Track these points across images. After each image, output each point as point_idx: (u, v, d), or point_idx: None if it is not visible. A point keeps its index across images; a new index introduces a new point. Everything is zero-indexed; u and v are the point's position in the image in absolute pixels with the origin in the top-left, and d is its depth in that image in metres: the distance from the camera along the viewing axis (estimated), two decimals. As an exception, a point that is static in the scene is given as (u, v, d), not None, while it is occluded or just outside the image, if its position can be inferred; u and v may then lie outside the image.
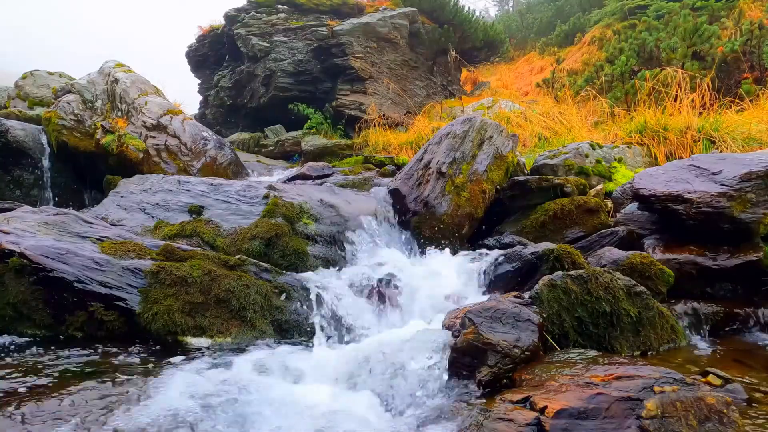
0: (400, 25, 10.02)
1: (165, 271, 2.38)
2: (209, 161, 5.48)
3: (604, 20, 12.72)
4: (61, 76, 7.85)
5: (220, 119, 10.93)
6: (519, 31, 17.47)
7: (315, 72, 9.67)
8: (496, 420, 1.42)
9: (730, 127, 4.84)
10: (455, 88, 11.19)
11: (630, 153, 4.80)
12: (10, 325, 2.19)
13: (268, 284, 2.53)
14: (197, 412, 1.60)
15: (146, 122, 5.42)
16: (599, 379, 1.48)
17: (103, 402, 1.62)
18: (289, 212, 3.27)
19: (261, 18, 9.93)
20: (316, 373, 1.97)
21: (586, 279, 2.07)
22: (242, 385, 1.80)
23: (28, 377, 1.77)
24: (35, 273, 2.18)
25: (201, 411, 1.61)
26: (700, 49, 7.72)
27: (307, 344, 2.33)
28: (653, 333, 2.10)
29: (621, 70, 8.05)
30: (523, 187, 3.84)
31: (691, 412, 1.30)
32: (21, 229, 2.40)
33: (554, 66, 12.15)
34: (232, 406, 1.65)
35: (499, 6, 24.88)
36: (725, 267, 2.62)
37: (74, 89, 5.74)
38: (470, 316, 1.85)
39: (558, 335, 1.98)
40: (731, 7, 9.62)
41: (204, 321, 2.32)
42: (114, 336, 2.23)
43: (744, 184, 2.70)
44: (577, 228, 3.50)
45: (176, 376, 1.85)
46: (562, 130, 6.75)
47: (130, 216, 3.35)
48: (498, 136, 3.91)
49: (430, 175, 3.75)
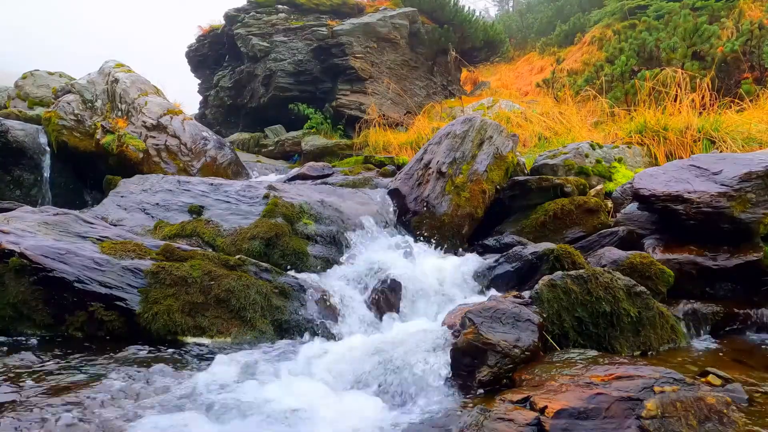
0: (400, 25, 10.02)
1: (165, 271, 2.38)
2: (209, 161, 5.48)
3: (604, 20, 12.72)
4: (61, 76, 7.84)
5: (220, 119, 10.93)
6: (519, 31, 17.47)
7: (315, 72, 9.67)
8: (496, 420, 1.42)
9: (730, 127, 4.84)
10: (455, 88, 11.19)
11: (630, 153, 4.80)
12: (10, 325, 2.19)
13: (268, 284, 2.53)
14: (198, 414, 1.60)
15: (146, 122, 5.42)
16: (599, 379, 1.48)
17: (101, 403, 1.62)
18: (289, 212, 3.27)
19: (261, 18, 9.93)
20: (316, 373, 1.96)
21: (586, 279, 2.07)
22: (242, 386, 1.80)
23: (24, 377, 1.77)
24: (35, 273, 2.19)
25: (201, 412, 1.61)
26: (700, 49, 7.72)
27: (306, 344, 2.32)
28: (653, 333, 2.10)
29: (621, 70, 8.05)
30: (523, 187, 3.84)
31: (691, 412, 1.30)
32: (21, 229, 2.41)
33: (554, 66, 12.15)
34: (232, 408, 1.65)
35: (499, 6, 24.87)
36: (725, 267, 2.62)
37: (74, 89, 5.74)
38: (470, 316, 1.85)
39: (558, 335, 1.98)
40: (731, 7, 9.61)
41: (204, 321, 2.32)
42: (114, 336, 2.23)
43: (744, 184, 2.70)
44: (577, 228, 3.50)
45: (176, 376, 1.85)
46: (562, 130, 6.75)
47: (130, 216, 3.35)
48: (498, 136, 3.91)
49: (430, 175, 3.75)
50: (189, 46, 11.55)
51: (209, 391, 1.75)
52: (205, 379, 1.81)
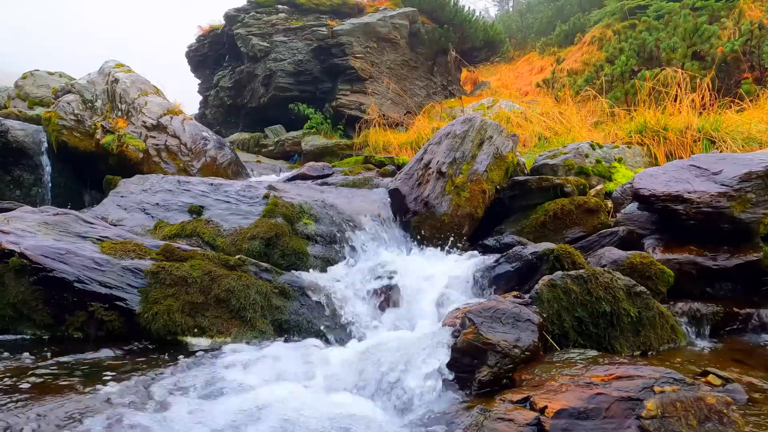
0: (400, 25, 10.02)
1: (165, 271, 2.38)
2: (209, 161, 5.48)
3: (604, 20, 12.72)
4: (61, 76, 7.84)
5: (220, 119, 10.93)
6: (519, 31, 17.46)
7: (315, 72, 9.67)
8: (496, 420, 1.42)
9: (730, 127, 4.84)
10: (455, 88, 11.19)
11: (630, 153, 4.80)
12: (10, 325, 2.20)
13: (268, 284, 2.53)
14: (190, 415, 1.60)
15: (146, 122, 5.42)
16: (599, 379, 1.48)
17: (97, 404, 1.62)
18: (289, 212, 3.27)
19: (261, 18, 9.93)
20: (316, 374, 1.97)
21: (586, 279, 2.07)
22: (241, 386, 1.80)
23: (20, 377, 1.77)
24: (35, 273, 2.18)
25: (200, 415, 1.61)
26: (700, 49, 7.72)
27: (306, 344, 2.32)
28: (653, 333, 2.10)
29: (621, 70, 8.05)
30: (523, 187, 3.83)
31: (691, 412, 1.30)
32: (21, 229, 2.40)
33: (554, 66, 12.15)
34: (233, 409, 1.65)
35: (499, 6, 24.87)
36: (725, 267, 2.62)
37: (74, 89, 5.74)
38: (470, 316, 1.85)
39: (558, 335, 1.98)
40: (731, 7, 9.61)
41: (204, 321, 2.32)
42: (114, 336, 2.23)
43: (744, 184, 2.70)
44: (577, 228, 3.50)
45: (176, 376, 1.85)
46: (562, 130, 6.75)
47: (130, 216, 3.35)
48: (498, 136, 3.91)
49: (430, 175, 3.75)
50: (189, 46, 11.55)
51: (208, 391, 1.74)
52: (205, 379, 1.81)
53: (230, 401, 1.69)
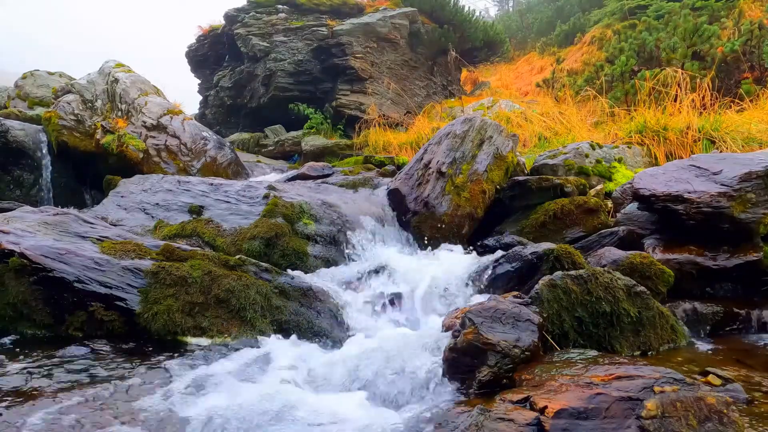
0: (400, 25, 10.02)
1: (165, 271, 2.38)
2: (209, 161, 5.48)
3: (604, 20, 12.72)
4: (61, 76, 7.85)
5: (220, 119, 10.93)
6: (519, 31, 17.47)
7: (315, 72, 9.66)
8: (496, 420, 1.42)
9: (730, 127, 4.84)
10: (455, 88, 11.19)
11: (630, 153, 4.80)
12: (10, 325, 2.19)
13: (268, 284, 2.53)
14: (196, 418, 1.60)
15: (146, 122, 5.42)
16: (599, 379, 1.48)
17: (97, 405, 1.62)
18: (289, 212, 3.27)
19: (261, 18, 9.93)
20: (316, 374, 1.96)
21: (586, 279, 2.07)
22: (241, 386, 1.80)
23: (18, 378, 1.77)
24: (35, 273, 2.18)
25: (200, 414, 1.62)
26: (700, 49, 7.72)
27: (306, 344, 2.32)
28: (653, 333, 2.10)
29: (621, 70, 8.05)
30: (523, 187, 3.84)
31: (691, 412, 1.30)
32: (21, 229, 2.40)
33: (554, 66, 12.15)
34: (232, 410, 1.65)
35: (499, 6, 24.87)
36: (725, 267, 2.62)
37: (74, 89, 5.74)
38: (470, 316, 1.85)
39: (558, 335, 1.98)
40: (731, 7, 9.61)
41: (204, 321, 2.32)
42: (114, 336, 2.23)
43: (744, 184, 2.70)
44: (577, 228, 3.50)
45: (176, 376, 1.85)
46: (562, 130, 6.75)
47: (130, 216, 3.35)
48: (498, 136, 3.91)
49: (430, 175, 3.75)
50: (189, 46, 11.54)
51: (207, 391, 1.74)
52: (204, 379, 1.81)
53: (230, 401, 1.69)
